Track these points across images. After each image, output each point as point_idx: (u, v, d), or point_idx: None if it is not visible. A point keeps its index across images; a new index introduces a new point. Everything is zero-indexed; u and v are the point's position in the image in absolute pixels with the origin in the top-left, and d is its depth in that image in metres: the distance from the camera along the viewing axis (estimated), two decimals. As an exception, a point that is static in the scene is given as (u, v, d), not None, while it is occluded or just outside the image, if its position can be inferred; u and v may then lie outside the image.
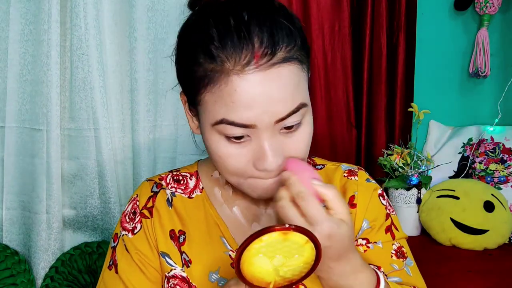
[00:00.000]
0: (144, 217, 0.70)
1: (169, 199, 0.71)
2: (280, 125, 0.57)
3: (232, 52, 0.54)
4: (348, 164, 0.77)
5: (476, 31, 1.42)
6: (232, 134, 0.57)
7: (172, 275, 0.67)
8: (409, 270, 0.70)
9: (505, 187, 1.29)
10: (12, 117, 1.25)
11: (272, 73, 0.54)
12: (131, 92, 1.28)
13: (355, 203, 0.71)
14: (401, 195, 1.27)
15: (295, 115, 0.57)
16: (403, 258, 0.71)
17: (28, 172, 1.25)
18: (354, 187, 0.72)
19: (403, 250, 0.72)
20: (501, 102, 1.40)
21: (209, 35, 0.55)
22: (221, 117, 0.56)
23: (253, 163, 0.58)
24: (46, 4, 1.18)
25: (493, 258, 1.15)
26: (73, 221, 1.31)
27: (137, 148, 1.29)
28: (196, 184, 0.73)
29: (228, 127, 0.56)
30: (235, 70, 0.54)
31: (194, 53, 0.58)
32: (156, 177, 0.75)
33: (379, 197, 0.74)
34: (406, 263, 0.71)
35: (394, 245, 0.71)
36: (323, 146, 1.38)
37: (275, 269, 0.50)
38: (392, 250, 0.71)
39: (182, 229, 0.69)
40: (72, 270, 1.25)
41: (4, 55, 1.24)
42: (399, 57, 1.36)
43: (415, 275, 0.71)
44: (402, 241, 0.73)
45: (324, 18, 1.36)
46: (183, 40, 0.64)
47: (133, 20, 1.24)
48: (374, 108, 1.38)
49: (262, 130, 0.56)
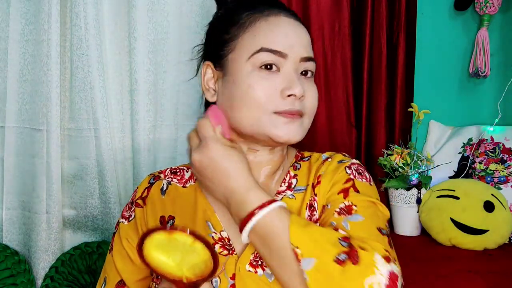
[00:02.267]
0: (138, 206, 0.77)
1: (163, 188, 0.78)
2: (301, 66, 0.70)
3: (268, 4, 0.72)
4: (330, 153, 0.79)
5: (476, 31, 1.42)
6: (266, 62, 0.67)
7: None
8: (347, 224, 0.63)
9: (505, 187, 1.29)
10: (12, 117, 1.25)
11: (297, 24, 0.72)
12: (131, 92, 1.28)
13: (319, 180, 0.73)
14: (401, 195, 1.27)
15: (311, 63, 0.71)
16: (347, 214, 0.65)
17: (28, 172, 1.25)
18: (324, 168, 0.74)
19: (353, 208, 0.66)
20: (501, 102, 1.40)
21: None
22: (260, 46, 0.68)
23: (281, 91, 0.67)
24: (46, 4, 1.18)
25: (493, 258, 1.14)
26: (73, 221, 1.31)
27: (137, 148, 1.29)
28: (191, 176, 0.79)
29: (265, 54, 0.67)
30: (273, 14, 0.70)
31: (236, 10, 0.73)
32: (157, 172, 0.82)
33: (346, 168, 0.73)
34: (348, 218, 0.64)
35: (342, 204, 0.67)
36: (323, 146, 1.38)
37: (178, 265, 0.57)
38: (337, 208, 0.67)
39: (172, 215, 0.75)
40: (72, 270, 1.25)
41: (4, 55, 1.24)
42: (399, 57, 1.36)
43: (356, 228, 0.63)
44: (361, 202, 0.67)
45: (324, 18, 1.36)
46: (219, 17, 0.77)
47: (133, 20, 1.24)
48: (374, 108, 1.38)
49: (291, 62, 0.69)
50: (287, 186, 0.75)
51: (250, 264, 0.68)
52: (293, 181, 0.76)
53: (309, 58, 0.71)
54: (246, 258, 0.68)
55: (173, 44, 1.28)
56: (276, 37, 0.68)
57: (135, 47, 1.25)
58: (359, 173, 0.74)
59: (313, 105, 0.72)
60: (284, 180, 0.76)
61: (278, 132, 0.67)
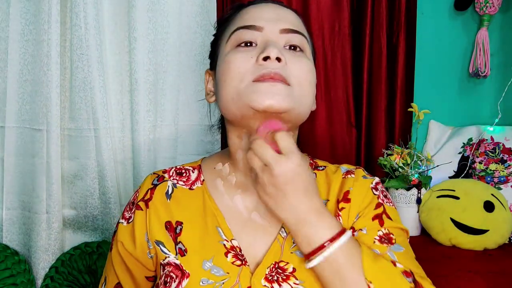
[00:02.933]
0: (138, 208, 0.74)
1: (169, 191, 0.75)
2: (283, 38, 0.68)
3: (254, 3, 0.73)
4: (348, 166, 0.79)
5: (476, 31, 1.42)
6: (242, 39, 0.67)
7: (167, 263, 0.70)
8: (393, 254, 0.65)
9: (505, 187, 1.29)
10: (12, 117, 1.25)
11: (281, 7, 0.72)
12: (131, 92, 1.28)
13: (349, 197, 0.72)
14: (401, 195, 1.27)
15: (298, 36, 0.69)
16: (389, 244, 0.67)
17: (28, 172, 1.26)
18: (350, 184, 0.73)
19: (391, 237, 0.68)
20: (501, 102, 1.40)
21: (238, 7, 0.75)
22: (236, 26, 0.69)
23: (256, 58, 0.65)
24: (46, 4, 1.18)
25: (493, 258, 1.14)
26: (73, 221, 1.31)
27: (137, 148, 1.29)
28: (198, 177, 0.77)
29: (240, 32, 0.68)
30: (255, 4, 0.72)
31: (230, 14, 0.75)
32: (160, 171, 0.79)
33: (372, 189, 0.74)
34: (392, 248, 0.66)
35: (380, 231, 0.68)
36: (323, 146, 1.38)
37: None
38: (376, 236, 0.68)
39: (180, 220, 0.72)
40: (72, 270, 1.25)
41: (4, 55, 1.24)
42: (399, 57, 1.36)
43: (402, 259, 0.65)
44: (394, 230, 0.69)
45: (324, 18, 1.36)
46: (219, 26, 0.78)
47: (133, 20, 1.24)
48: (374, 108, 1.38)
49: (268, 33, 0.67)
50: None
51: (266, 279, 0.65)
52: None
53: (294, 30, 0.69)
54: (262, 273, 0.66)
55: (173, 44, 1.28)
56: (251, 15, 0.69)
57: (135, 47, 1.25)
58: (385, 196, 0.74)
59: (301, 72, 0.67)
60: None
61: (258, 98, 0.63)
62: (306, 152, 0.83)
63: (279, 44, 0.67)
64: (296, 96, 0.66)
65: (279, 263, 0.66)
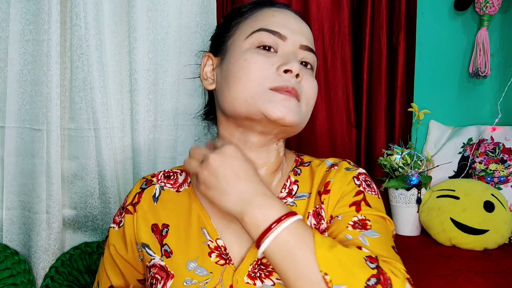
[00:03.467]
0: (127, 212, 0.76)
1: (156, 194, 0.76)
2: (300, 53, 0.70)
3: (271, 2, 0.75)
4: (334, 159, 0.78)
5: (476, 31, 1.42)
6: (263, 42, 0.67)
7: (152, 265, 0.71)
8: (365, 239, 0.62)
9: (505, 187, 1.29)
10: (12, 117, 1.25)
11: (300, 21, 0.73)
12: (131, 92, 1.28)
13: (328, 189, 0.71)
14: (401, 195, 1.27)
15: (312, 55, 0.71)
16: (362, 229, 0.64)
17: (28, 172, 1.25)
18: (332, 175, 0.72)
19: (367, 223, 0.65)
20: (501, 102, 1.40)
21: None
22: (260, 26, 0.68)
23: (277, 67, 0.66)
24: (46, 4, 1.18)
25: (493, 258, 1.14)
26: (73, 221, 1.31)
27: (137, 148, 1.29)
28: (185, 179, 0.78)
29: (263, 34, 0.68)
30: (277, 6, 0.73)
31: (242, 6, 0.75)
32: (150, 175, 0.81)
33: (353, 178, 0.72)
34: (364, 233, 0.63)
35: (355, 217, 0.66)
36: (323, 146, 1.38)
37: None
38: (350, 221, 0.66)
39: (166, 222, 0.73)
40: (72, 270, 1.25)
41: (4, 55, 1.24)
42: (399, 57, 1.36)
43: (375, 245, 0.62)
44: (372, 217, 0.67)
45: (324, 19, 1.36)
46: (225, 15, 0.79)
47: (133, 20, 1.24)
48: (374, 108, 1.38)
49: (290, 45, 0.68)
50: (287, 193, 0.73)
51: (249, 276, 0.66)
52: (293, 187, 0.74)
53: (310, 48, 0.71)
54: (244, 270, 0.66)
55: (173, 44, 1.28)
56: (276, 20, 0.69)
57: (135, 47, 1.25)
58: (367, 185, 0.72)
59: (311, 92, 0.70)
60: (285, 185, 0.74)
61: (273, 108, 0.65)
62: (306, 153, 0.83)
63: (297, 58, 0.69)
64: (303, 113, 0.69)
65: (262, 259, 0.67)
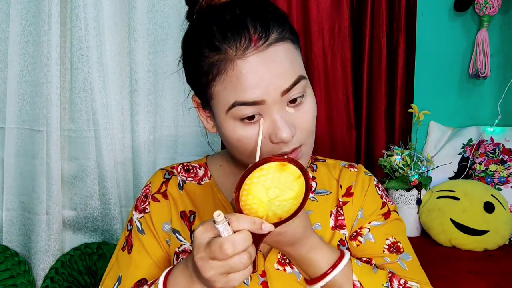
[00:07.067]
0: (155, 200, 0.77)
1: (180, 183, 0.78)
2: (286, 98, 0.63)
3: (232, 40, 0.61)
4: (346, 162, 0.83)
5: (476, 32, 1.42)
6: (245, 115, 0.62)
7: (182, 250, 0.73)
8: (403, 264, 0.71)
9: (505, 188, 1.29)
10: (12, 118, 1.25)
11: (269, 52, 0.62)
12: (131, 93, 1.28)
13: (352, 192, 0.76)
14: (401, 196, 1.27)
15: (297, 86, 0.63)
16: (397, 253, 0.73)
17: (28, 173, 1.25)
18: (353, 178, 0.78)
19: (399, 245, 0.74)
20: (501, 103, 1.40)
21: (210, 31, 0.63)
22: (233, 101, 0.62)
23: (269, 138, 0.63)
24: (46, 5, 1.18)
25: (493, 259, 1.14)
26: (73, 222, 1.31)
27: (137, 149, 1.29)
28: (205, 173, 0.79)
29: (240, 108, 0.62)
30: (238, 55, 0.61)
31: (199, 50, 0.65)
32: (168, 167, 0.81)
33: (375, 187, 0.78)
34: (401, 257, 0.72)
35: (387, 240, 0.73)
36: (323, 147, 1.38)
37: (269, 201, 0.54)
38: (385, 245, 0.73)
39: (193, 209, 0.76)
40: (72, 271, 1.25)
41: (4, 56, 1.24)
42: (399, 58, 1.36)
43: (412, 269, 0.72)
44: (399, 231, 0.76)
45: (324, 20, 1.36)
46: (187, 44, 0.70)
47: (133, 22, 1.24)
48: (374, 109, 1.38)
49: (271, 104, 0.62)
50: None
51: (278, 262, 0.70)
52: (312, 183, 0.77)
53: (292, 85, 0.62)
54: (274, 257, 0.70)
55: (173, 45, 1.28)
56: (246, 87, 0.61)
57: (135, 48, 1.25)
58: (384, 192, 0.79)
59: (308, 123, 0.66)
60: None
61: None
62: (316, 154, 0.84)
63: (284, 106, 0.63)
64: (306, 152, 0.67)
65: None
